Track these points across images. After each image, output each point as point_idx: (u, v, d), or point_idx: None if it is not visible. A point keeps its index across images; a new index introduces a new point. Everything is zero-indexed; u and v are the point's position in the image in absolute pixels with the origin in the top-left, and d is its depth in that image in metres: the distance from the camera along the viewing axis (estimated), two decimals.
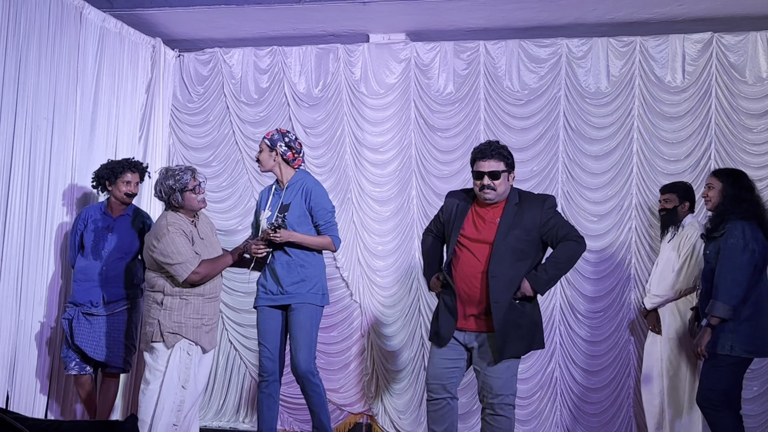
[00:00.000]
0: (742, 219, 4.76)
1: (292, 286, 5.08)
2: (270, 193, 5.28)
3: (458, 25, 6.88)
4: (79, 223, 5.74)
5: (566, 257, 4.59)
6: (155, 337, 4.85)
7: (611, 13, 6.51)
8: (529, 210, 4.64)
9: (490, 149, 4.67)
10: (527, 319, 4.60)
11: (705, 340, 4.73)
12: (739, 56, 6.33)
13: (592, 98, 6.57)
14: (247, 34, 7.20)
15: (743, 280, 4.66)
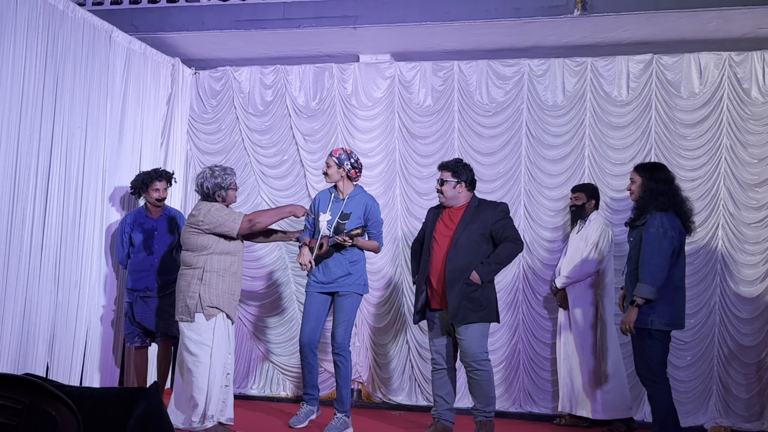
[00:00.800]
0: (661, 211, 4.70)
1: (341, 278, 5.40)
2: (330, 200, 5.54)
3: (436, 47, 6.90)
4: (126, 227, 5.97)
5: (505, 254, 5.10)
6: (197, 308, 5.00)
7: (566, 37, 6.55)
8: (485, 212, 5.17)
9: (444, 164, 5.32)
10: (479, 295, 5.06)
11: (632, 318, 4.65)
12: (675, 74, 6.36)
13: (550, 110, 6.60)
14: (253, 54, 7.21)
15: (665, 264, 4.62)
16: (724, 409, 6.10)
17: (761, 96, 6.20)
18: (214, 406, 5.04)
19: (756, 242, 6.14)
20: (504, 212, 5.18)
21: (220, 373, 5.06)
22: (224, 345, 5.09)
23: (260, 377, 6.99)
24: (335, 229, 5.40)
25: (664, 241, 4.63)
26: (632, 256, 4.81)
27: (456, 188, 5.18)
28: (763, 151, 6.18)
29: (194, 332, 5.03)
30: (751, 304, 6.11)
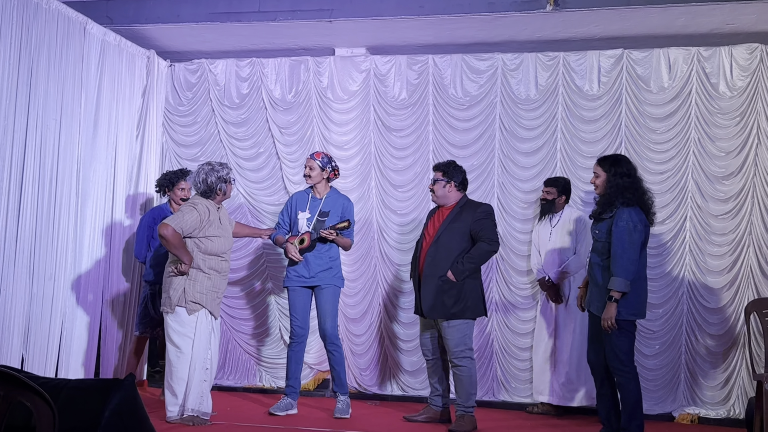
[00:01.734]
0: (628, 205, 4.76)
1: (322, 272, 5.65)
2: (308, 200, 5.81)
3: (411, 41, 6.91)
4: (149, 221, 6.13)
5: (478, 255, 5.30)
6: (180, 302, 5.13)
7: (539, 32, 6.59)
8: (467, 211, 5.41)
9: (437, 165, 5.59)
10: (456, 292, 5.24)
11: (613, 313, 4.68)
12: (645, 69, 6.42)
13: (523, 104, 6.64)
14: (229, 47, 7.18)
15: (636, 256, 4.69)
16: (692, 397, 6.20)
17: (729, 90, 6.28)
18: (194, 400, 5.13)
19: (723, 234, 6.24)
20: (484, 212, 5.36)
21: (200, 366, 5.16)
22: (205, 340, 5.19)
23: (236, 368, 6.99)
24: (314, 226, 5.67)
25: (634, 235, 4.69)
26: (598, 249, 4.85)
27: (446, 188, 5.42)
28: (730, 144, 6.27)
29: (177, 324, 5.15)
30: (717, 294, 6.21)
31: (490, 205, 5.57)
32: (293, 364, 5.73)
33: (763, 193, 6.18)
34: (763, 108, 6.20)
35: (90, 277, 6.24)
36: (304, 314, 5.74)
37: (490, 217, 5.39)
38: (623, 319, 4.72)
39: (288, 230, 5.83)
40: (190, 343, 5.14)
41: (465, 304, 5.27)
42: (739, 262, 6.19)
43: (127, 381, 2.81)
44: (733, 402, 6.12)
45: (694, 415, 6.13)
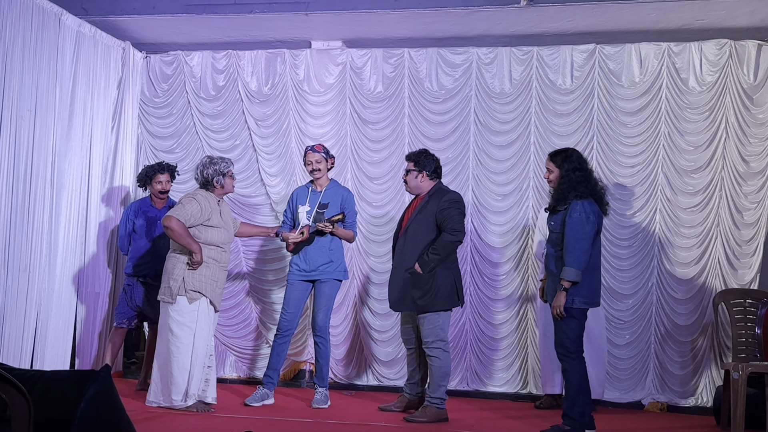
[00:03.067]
0: (581, 198, 4.82)
1: (323, 265, 5.65)
2: (308, 193, 5.80)
3: (387, 34, 6.91)
4: (130, 214, 6.16)
5: (442, 246, 5.20)
6: (180, 291, 5.19)
7: (513, 27, 6.61)
8: (433, 200, 5.32)
9: (408, 155, 5.54)
10: (424, 284, 5.20)
11: (562, 302, 4.77)
12: (616, 64, 6.48)
13: (497, 98, 6.67)
14: (205, 39, 7.14)
15: (588, 247, 4.76)
16: (661, 386, 6.29)
17: (698, 85, 6.36)
18: (196, 386, 5.26)
19: (691, 226, 6.33)
20: (449, 201, 5.27)
21: (202, 354, 5.25)
22: (207, 328, 5.28)
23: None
24: (314, 219, 5.67)
25: (587, 227, 4.77)
26: (553, 240, 4.92)
27: (418, 178, 5.39)
28: (699, 138, 6.35)
29: (177, 313, 5.22)
30: (686, 285, 6.31)
31: (457, 193, 5.47)
32: (275, 357, 5.73)
33: (730, 186, 6.27)
34: (732, 103, 6.29)
35: (65, 269, 6.20)
36: (295, 309, 5.72)
37: (455, 205, 5.28)
38: (576, 307, 4.80)
39: (292, 225, 5.83)
40: (191, 333, 5.21)
41: (435, 296, 5.21)
42: (707, 253, 6.29)
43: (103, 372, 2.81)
44: (702, 390, 6.22)
45: (663, 404, 6.22)
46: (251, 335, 6.96)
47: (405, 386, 5.64)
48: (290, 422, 5.15)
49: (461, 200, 5.41)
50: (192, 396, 5.23)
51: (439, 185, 5.45)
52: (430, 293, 5.21)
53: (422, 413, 5.27)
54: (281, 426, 4.99)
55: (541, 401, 6.03)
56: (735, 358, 5.49)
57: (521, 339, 6.54)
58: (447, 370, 5.31)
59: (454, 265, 5.37)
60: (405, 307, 5.33)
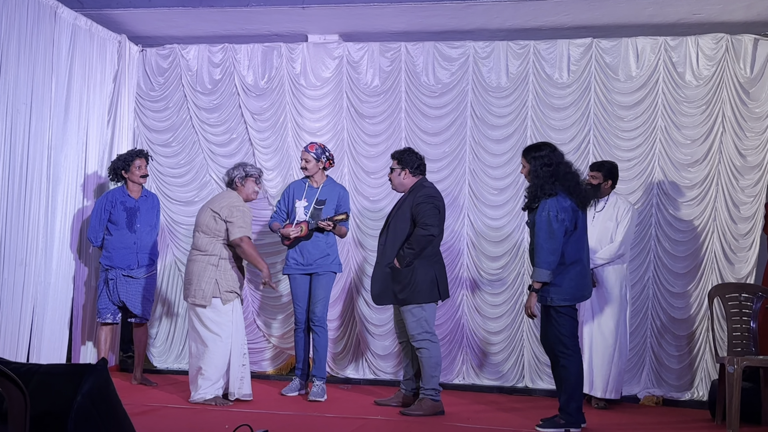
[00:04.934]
0: (549, 196, 4.76)
1: (320, 259, 5.80)
2: (305, 188, 5.92)
3: (383, 28, 6.91)
4: (106, 204, 6.07)
5: (415, 241, 5.27)
6: (215, 293, 5.35)
7: (510, 21, 6.61)
8: (411, 195, 5.40)
9: (393, 153, 5.61)
10: (403, 278, 5.28)
11: (532, 303, 4.80)
12: (613, 58, 6.47)
13: (494, 92, 6.66)
14: (202, 32, 7.12)
15: (558, 246, 4.72)
16: (657, 380, 6.31)
17: (695, 79, 6.37)
18: (234, 384, 5.42)
19: (688, 219, 6.34)
20: (423, 197, 5.33)
21: (238, 352, 5.43)
22: (241, 326, 5.51)
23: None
24: (312, 214, 5.81)
25: (554, 225, 4.72)
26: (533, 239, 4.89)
27: (401, 175, 5.47)
28: (696, 132, 6.36)
29: (214, 314, 5.38)
30: (682, 279, 6.32)
31: (433, 188, 5.51)
32: (299, 349, 5.91)
33: (727, 180, 6.29)
34: (728, 97, 6.30)
35: (61, 263, 6.20)
36: (305, 301, 5.89)
37: (429, 200, 5.32)
38: (555, 305, 4.79)
39: (285, 218, 5.95)
40: (229, 331, 5.38)
41: (414, 289, 5.27)
42: (703, 247, 6.30)
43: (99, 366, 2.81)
44: (697, 384, 6.24)
45: (658, 398, 6.24)
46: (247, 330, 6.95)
47: (402, 381, 5.65)
48: (287, 416, 5.16)
49: (437, 194, 5.45)
50: (231, 394, 5.41)
51: (421, 181, 5.50)
52: (409, 287, 5.27)
53: (418, 406, 5.30)
54: (279, 420, 5.00)
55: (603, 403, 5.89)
56: (730, 352, 5.50)
57: (517, 333, 6.55)
58: (437, 360, 5.35)
59: (436, 258, 5.41)
60: (386, 300, 5.43)
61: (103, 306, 6.06)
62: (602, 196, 5.82)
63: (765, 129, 6.26)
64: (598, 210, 5.83)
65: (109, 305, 6.06)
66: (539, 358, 6.45)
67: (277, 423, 4.82)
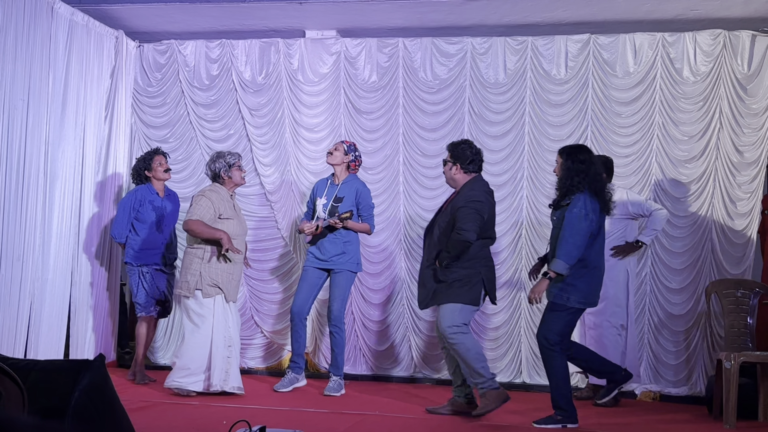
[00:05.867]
0: (583, 192, 4.82)
1: (336, 256, 5.82)
2: (326, 186, 5.96)
3: (381, 24, 6.90)
4: (134, 203, 6.21)
5: (452, 247, 4.99)
6: (198, 285, 5.43)
7: (508, 16, 6.61)
8: (458, 196, 5.10)
9: (448, 145, 5.29)
10: (447, 279, 5.00)
11: (542, 288, 4.81)
12: (611, 54, 6.48)
13: (492, 88, 6.67)
14: (199, 28, 7.10)
15: (582, 244, 4.75)
16: (654, 375, 6.33)
17: (692, 75, 6.37)
18: (218, 376, 5.45)
19: (685, 216, 6.35)
20: (466, 200, 5.02)
21: (221, 345, 5.46)
22: (223, 320, 5.49)
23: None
24: (329, 212, 5.83)
25: (584, 222, 4.75)
26: (554, 234, 4.93)
27: (452, 170, 5.16)
28: (693, 128, 6.37)
29: (197, 305, 5.45)
30: (680, 275, 6.34)
31: (482, 190, 5.11)
32: (294, 342, 5.93)
33: (724, 176, 6.30)
34: (726, 93, 6.30)
35: (59, 259, 6.19)
36: (306, 294, 5.89)
37: (471, 204, 4.99)
38: (570, 306, 4.83)
39: (312, 215, 6.03)
40: (209, 324, 5.44)
41: (455, 288, 4.99)
42: (700, 243, 6.31)
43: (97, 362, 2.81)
44: (694, 380, 6.26)
45: (656, 393, 6.26)
46: (245, 325, 6.96)
47: (453, 389, 5.28)
48: (286, 411, 5.16)
49: (483, 198, 5.07)
50: (215, 386, 5.44)
51: (472, 181, 5.13)
52: (452, 285, 5.00)
53: (484, 403, 5.00)
54: (277, 415, 5.00)
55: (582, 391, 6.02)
56: (727, 348, 5.52)
57: (515, 328, 6.56)
58: (477, 350, 5.00)
59: (483, 263, 5.08)
60: (427, 303, 5.16)
61: (145, 301, 6.14)
62: None
63: (762, 125, 6.27)
64: None
65: (150, 300, 6.14)
66: (536, 354, 6.45)
67: (276, 419, 4.82)
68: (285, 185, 6.88)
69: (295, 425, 4.56)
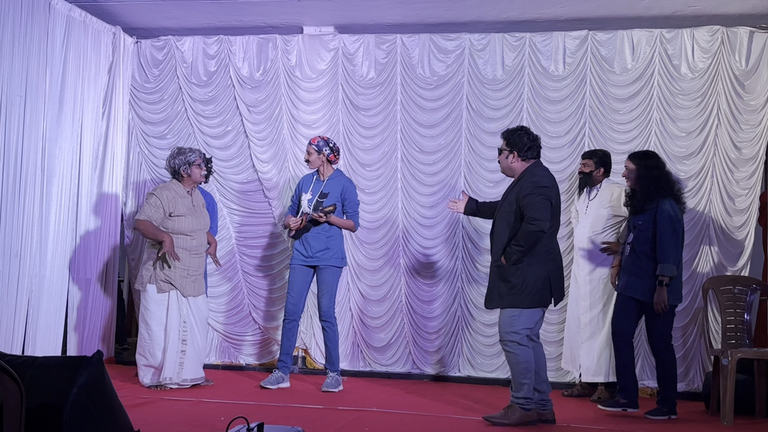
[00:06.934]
0: (665, 197, 5.17)
1: (320, 252, 5.85)
2: (312, 181, 5.98)
3: (379, 20, 6.89)
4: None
5: (522, 237, 4.66)
6: (151, 280, 5.56)
7: (506, 12, 6.61)
8: (519, 184, 4.82)
9: (503, 132, 5.05)
10: (514, 279, 4.71)
11: (665, 296, 5.12)
12: (609, 50, 6.48)
13: (489, 84, 6.67)
14: (196, 24, 7.10)
15: (680, 244, 5.15)
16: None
17: (690, 72, 6.38)
18: (170, 369, 5.62)
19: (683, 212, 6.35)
20: (532, 185, 4.70)
21: (174, 338, 5.57)
22: (178, 315, 5.58)
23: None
24: (314, 207, 5.86)
25: (677, 224, 5.13)
26: (642, 238, 5.19)
27: (508, 158, 4.87)
28: (691, 125, 6.37)
29: (147, 301, 5.55)
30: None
31: (544, 176, 4.80)
32: (285, 341, 5.94)
33: (722, 172, 6.30)
34: (723, 89, 6.31)
35: (56, 255, 6.19)
36: (299, 293, 5.93)
37: (538, 191, 4.66)
38: (670, 303, 5.18)
39: (296, 210, 6.05)
40: (161, 320, 5.54)
41: (523, 291, 4.69)
42: (698, 240, 6.32)
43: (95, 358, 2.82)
44: (692, 376, 6.27)
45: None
46: (243, 321, 6.97)
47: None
48: (284, 407, 5.17)
49: (549, 183, 4.78)
50: (166, 378, 5.58)
51: (532, 167, 4.84)
52: (517, 288, 4.70)
53: (504, 414, 4.76)
54: (275, 411, 5.01)
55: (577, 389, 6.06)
56: (724, 345, 5.53)
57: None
58: (528, 365, 4.71)
59: (550, 257, 4.78)
60: (492, 303, 4.87)
61: None
62: (594, 184, 5.94)
63: (760, 121, 6.27)
64: (591, 198, 5.94)
65: None
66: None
67: (273, 415, 4.83)
68: (282, 181, 6.88)
69: (293, 422, 4.58)
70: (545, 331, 6.44)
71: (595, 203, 5.90)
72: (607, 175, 5.96)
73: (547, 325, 6.43)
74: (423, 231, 6.71)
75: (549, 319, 6.41)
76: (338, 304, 6.79)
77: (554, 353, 6.39)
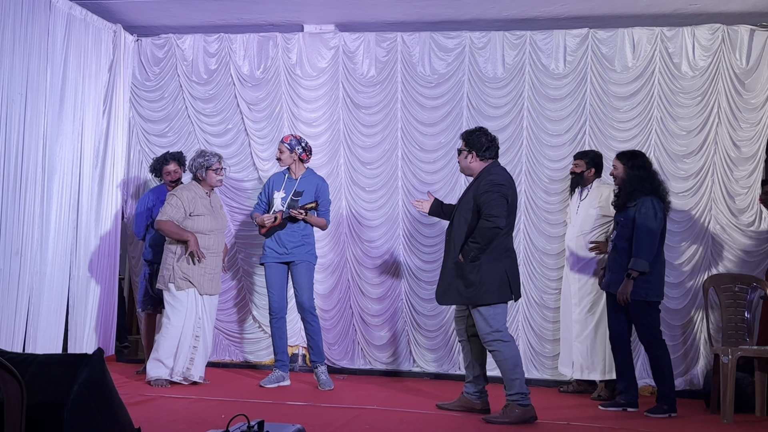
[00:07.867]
0: (649, 194, 5.21)
1: (295, 248, 5.86)
2: (284, 180, 5.97)
3: (379, 18, 6.89)
4: (148, 202, 6.35)
5: (479, 234, 4.77)
6: (171, 279, 5.70)
7: (506, 11, 6.61)
8: (476, 182, 4.93)
9: (462, 133, 5.17)
10: (471, 276, 4.80)
11: (629, 289, 5.16)
12: (609, 48, 6.47)
13: (490, 82, 6.66)
14: (197, 22, 7.10)
15: (656, 242, 5.16)
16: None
17: (691, 70, 6.37)
18: (181, 364, 5.70)
19: (683, 210, 6.36)
20: (489, 183, 4.81)
21: (189, 336, 5.73)
22: (194, 311, 5.74)
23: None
24: (288, 205, 5.83)
25: (656, 222, 5.16)
26: (622, 235, 5.26)
27: (467, 158, 4.97)
28: (692, 123, 6.37)
29: (170, 298, 5.72)
30: (677, 269, 6.34)
31: (500, 174, 4.90)
32: (277, 339, 5.96)
33: (722, 171, 6.30)
34: (724, 88, 6.30)
35: (57, 253, 6.19)
36: (280, 290, 5.94)
37: (495, 188, 4.77)
38: (652, 300, 5.23)
39: (266, 209, 6.01)
40: (180, 317, 5.67)
41: (482, 288, 4.78)
42: (699, 238, 6.32)
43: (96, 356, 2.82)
44: (692, 374, 6.27)
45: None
46: (243, 319, 6.98)
47: (465, 384, 5.21)
48: (283, 406, 5.18)
49: (505, 182, 4.88)
50: (177, 373, 5.70)
51: (490, 166, 4.95)
52: (475, 285, 4.79)
53: (503, 413, 4.83)
54: (275, 409, 5.02)
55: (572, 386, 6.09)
56: (724, 343, 5.54)
57: (513, 323, 6.56)
58: (514, 360, 4.83)
59: (507, 253, 4.89)
60: (449, 300, 4.95)
61: (144, 299, 6.32)
62: (585, 184, 6.00)
63: (760, 120, 6.27)
64: (582, 198, 5.99)
65: (149, 298, 6.26)
66: (535, 349, 6.49)
67: (274, 413, 4.83)
68: None
69: (294, 419, 4.58)
70: (543, 330, 6.47)
71: (585, 203, 5.96)
72: (598, 175, 6.02)
73: (544, 323, 6.45)
74: (423, 229, 6.70)
75: (546, 318, 6.43)
76: (338, 301, 6.81)
77: (551, 352, 6.40)
